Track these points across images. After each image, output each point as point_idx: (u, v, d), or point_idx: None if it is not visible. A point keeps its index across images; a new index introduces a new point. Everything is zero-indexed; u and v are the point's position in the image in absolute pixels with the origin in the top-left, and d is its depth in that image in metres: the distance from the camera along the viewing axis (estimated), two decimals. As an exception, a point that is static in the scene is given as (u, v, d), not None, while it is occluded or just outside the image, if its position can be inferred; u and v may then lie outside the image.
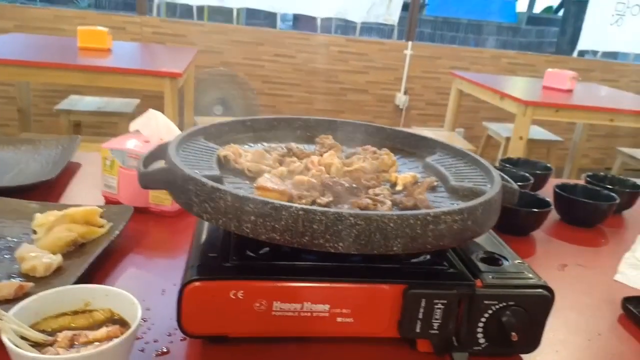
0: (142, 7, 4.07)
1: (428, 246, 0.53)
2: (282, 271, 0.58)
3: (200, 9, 4.92)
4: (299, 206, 0.51)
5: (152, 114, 0.99)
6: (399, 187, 0.69)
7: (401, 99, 4.48)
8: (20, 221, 0.83)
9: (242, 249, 0.61)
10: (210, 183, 0.55)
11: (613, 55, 5.21)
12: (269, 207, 0.51)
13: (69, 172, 1.10)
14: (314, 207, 0.51)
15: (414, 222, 0.52)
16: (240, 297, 0.56)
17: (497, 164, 1.30)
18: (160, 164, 0.68)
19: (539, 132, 3.71)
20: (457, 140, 3.58)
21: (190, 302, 0.56)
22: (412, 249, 0.52)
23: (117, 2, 7.85)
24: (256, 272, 0.58)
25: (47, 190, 0.99)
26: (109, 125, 3.64)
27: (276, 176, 0.66)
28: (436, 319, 0.58)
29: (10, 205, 0.86)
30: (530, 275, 0.62)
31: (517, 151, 2.85)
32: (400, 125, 4.48)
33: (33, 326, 0.52)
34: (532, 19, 9.29)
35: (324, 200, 0.60)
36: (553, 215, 1.11)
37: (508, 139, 3.25)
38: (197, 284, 0.55)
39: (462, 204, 0.57)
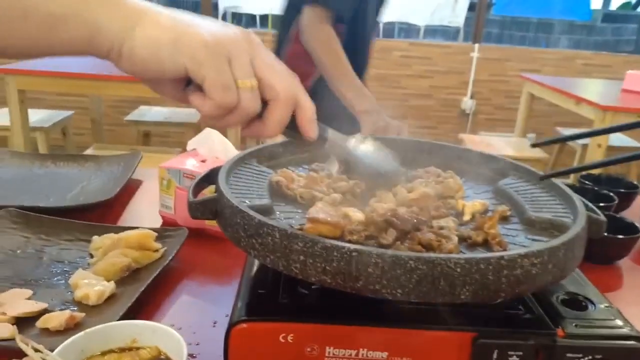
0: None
1: (502, 294, 0.47)
2: (336, 313, 0.53)
3: (264, 17, 4.99)
4: (352, 247, 0.46)
5: (208, 132, 0.98)
6: (466, 217, 0.63)
7: (467, 103, 4.32)
8: (78, 243, 0.83)
9: (294, 284, 0.57)
10: (258, 217, 0.51)
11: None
12: (319, 246, 0.47)
13: (130, 189, 1.11)
14: (369, 248, 0.46)
15: (485, 267, 0.45)
16: (291, 341, 0.52)
17: (574, 182, 1.19)
18: (211, 189, 0.65)
19: (619, 139, 3.45)
20: (527, 147, 3.39)
21: (238, 345, 0.52)
22: (482, 297, 0.46)
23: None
24: (308, 313, 0.53)
25: (107, 209, 1.00)
26: (176, 134, 3.75)
27: (329, 204, 0.62)
28: (510, 373, 0.51)
29: (71, 226, 0.87)
30: (621, 324, 0.54)
31: (595, 159, 2.65)
32: (467, 131, 4.32)
33: (78, 365, 0.50)
34: (608, 16, 8.73)
35: (388, 239, 0.54)
36: (642, 239, 0.99)
37: (585, 147, 3.04)
38: (244, 325, 0.52)
39: (541, 244, 0.49)
